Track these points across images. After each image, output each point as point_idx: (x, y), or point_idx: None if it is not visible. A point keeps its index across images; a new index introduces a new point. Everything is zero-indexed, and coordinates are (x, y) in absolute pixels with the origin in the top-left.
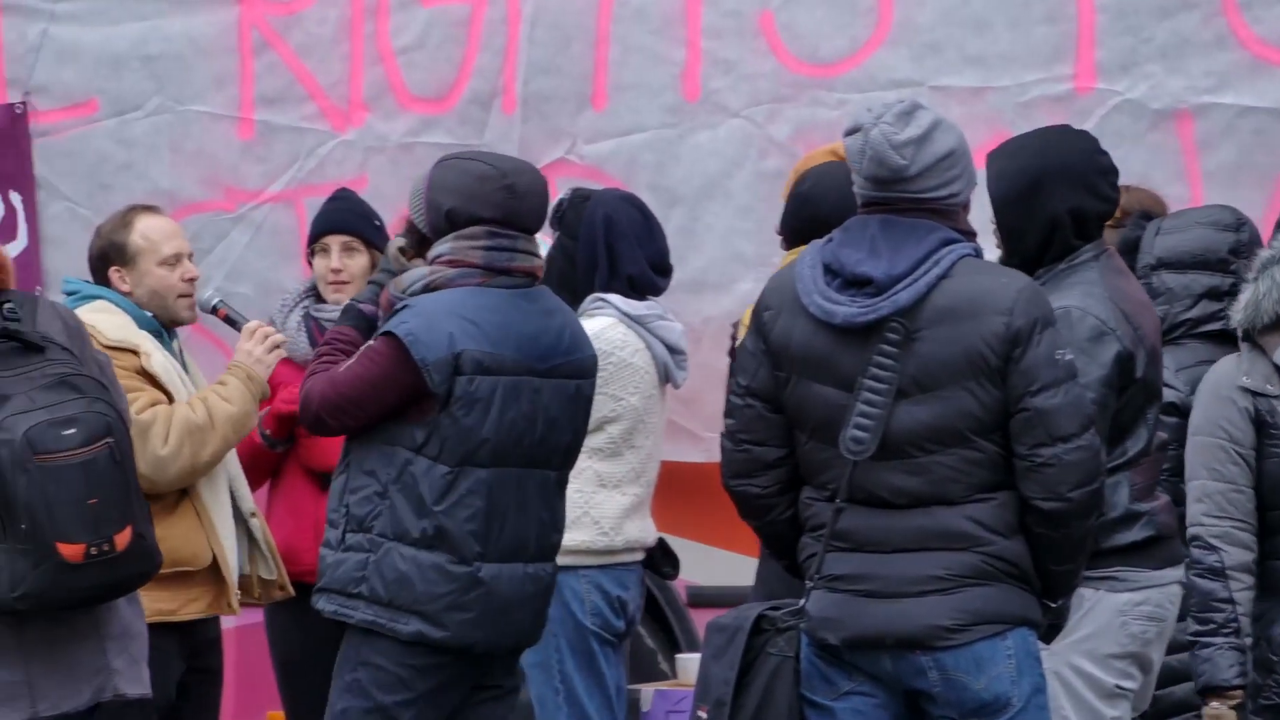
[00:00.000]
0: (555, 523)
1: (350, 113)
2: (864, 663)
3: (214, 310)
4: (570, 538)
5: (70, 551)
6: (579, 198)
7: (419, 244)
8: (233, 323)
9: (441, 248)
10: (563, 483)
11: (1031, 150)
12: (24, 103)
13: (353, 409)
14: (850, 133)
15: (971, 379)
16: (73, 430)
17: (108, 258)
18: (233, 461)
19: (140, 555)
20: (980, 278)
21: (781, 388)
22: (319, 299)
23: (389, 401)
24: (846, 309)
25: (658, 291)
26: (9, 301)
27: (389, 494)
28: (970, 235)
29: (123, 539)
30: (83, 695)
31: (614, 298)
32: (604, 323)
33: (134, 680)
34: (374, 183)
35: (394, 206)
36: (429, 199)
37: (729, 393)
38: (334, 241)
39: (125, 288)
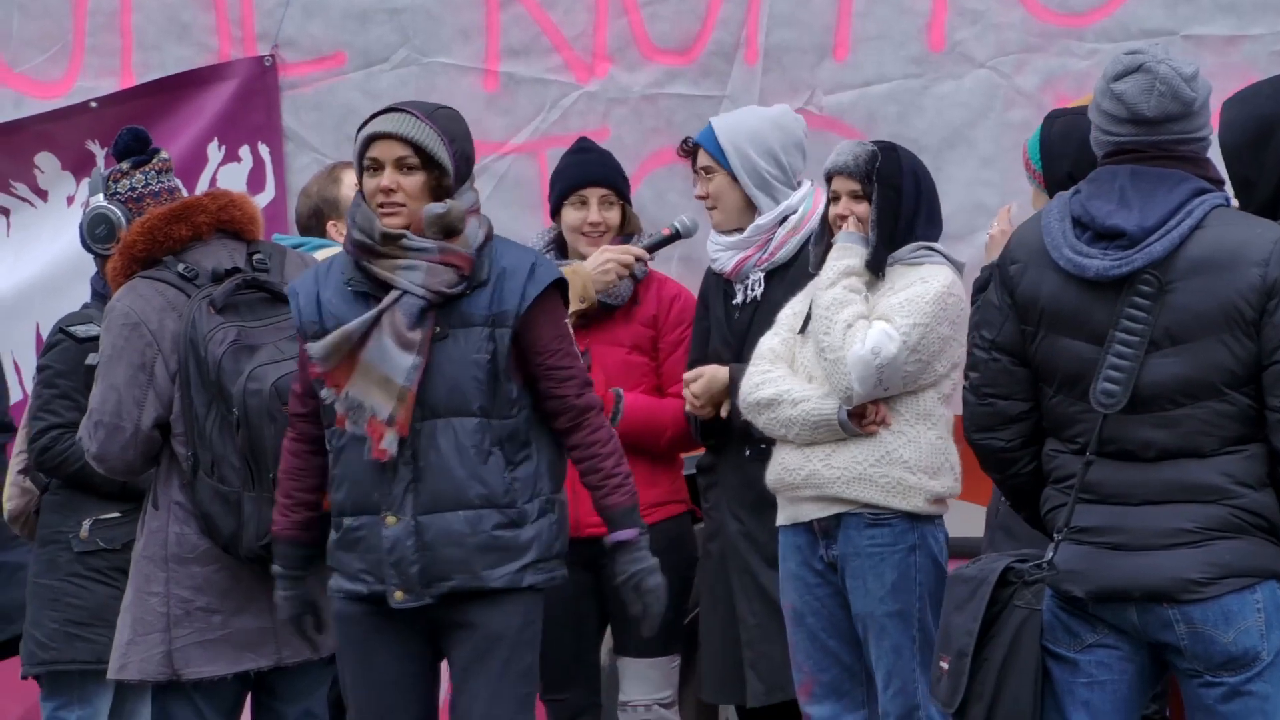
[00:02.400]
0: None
1: (594, 64)
2: (1109, 615)
3: None
4: (934, 485)
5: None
6: (888, 148)
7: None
8: None
9: None
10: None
11: (1263, 97)
12: (272, 56)
13: None
14: (1123, 75)
15: (1225, 331)
16: None
17: (321, 213)
18: None
19: None
20: (1234, 229)
21: (1028, 341)
22: (561, 250)
23: None
24: (1098, 262)
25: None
26: (258, 252)
27: (537, 457)
28: (1219, 184)
29: None
30: (325, 644)
31: (941, 247)
32: (950, 274)
33: None
34: (616, 134)
35: (636, 158)
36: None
37: (972, 346)
38: (593, 194)
39: (341, 239)
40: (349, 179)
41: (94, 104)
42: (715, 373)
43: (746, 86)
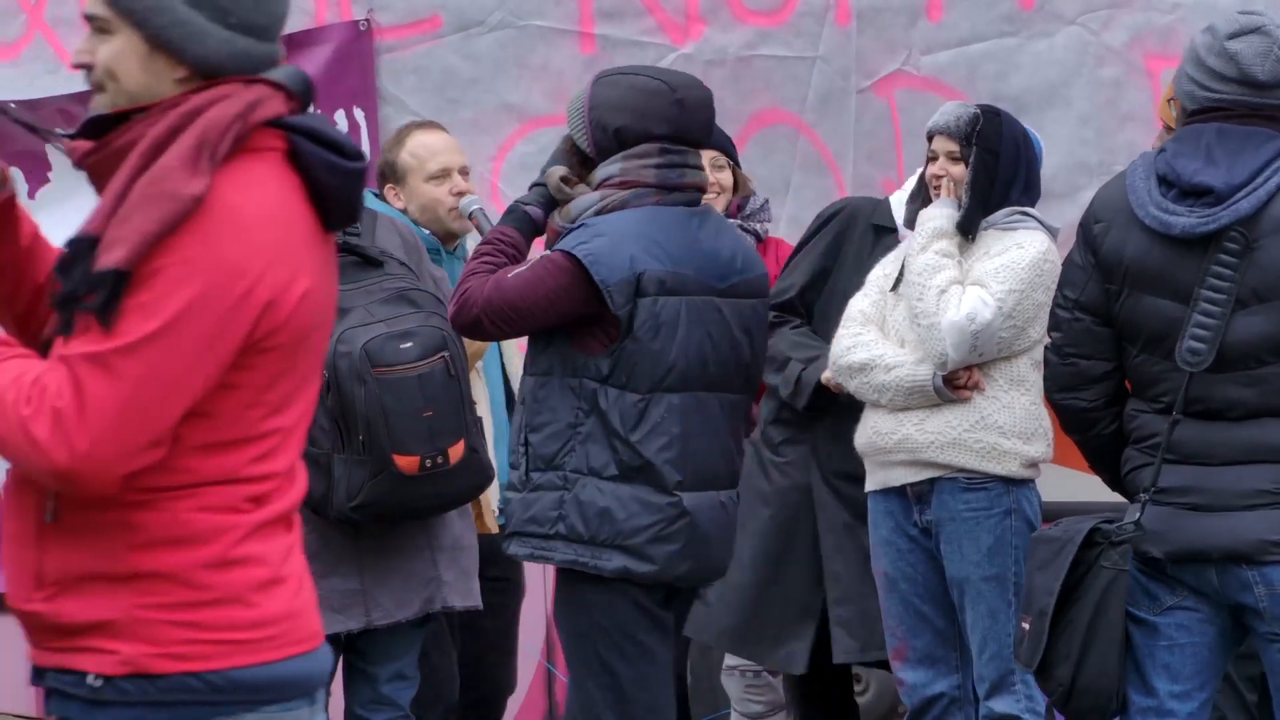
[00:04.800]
0: (739, 449)
1: (688, 26)
2: (1188, 577)
3: (470, 217)
4: (1029, 449)
5: (406, 463)
6: (991, 112)
7: (582, 166)
8: (483, 232)
9: (611, 168)
10: (744, 407)
11: None
12: (368, 20)
13: (517, 318)
14: (1240, 34)
15: None
16: (410, 344)
17: (384, 176)
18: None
19: (473, 469)
20: None
21: (1112, 301)
22: None
23: (555, 318)
24: (1185, 219)
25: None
26: None
27: (580, 427)
28: None
29: (456, 452)
30: (413, 605)
31: (1036, 213)
32: (1045, 240)
33: (464, 593)
34: (717, 96)
35: (733, 120)
36: (592, 118)
37: (1055, 306)
38: (704, 157)
39: (399, 204)
40: (411, 142)
41: None
42: None
43: (840, 48)
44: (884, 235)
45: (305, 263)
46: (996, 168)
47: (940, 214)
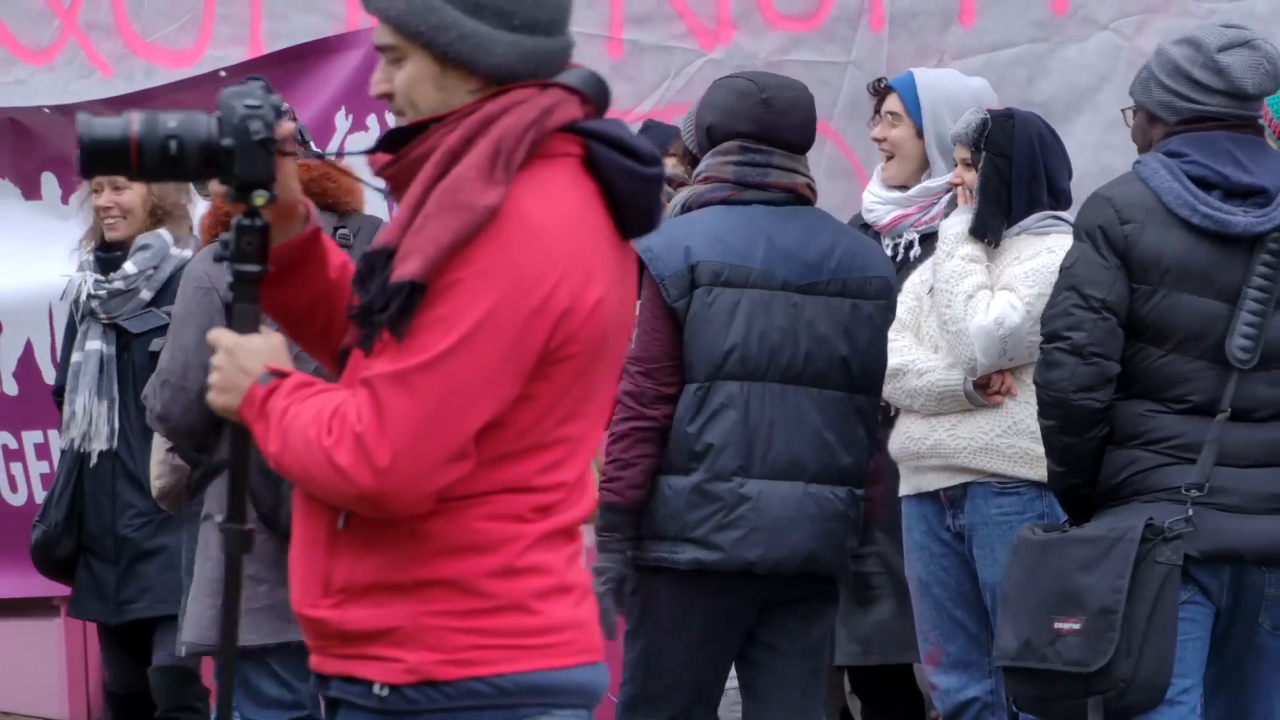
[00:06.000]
0: (848, 445)
1: (718, 31)
2: (1203, 576)
3: None
4: None
5: None
6: (1002, 116)
7: (692, 165)
8: None
9: (700, 165)
10: (861, 405)
11: None
12: None
13: None
14: (1230, 48)
15: None
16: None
17: None
18: None
19: None
20: None
21: (1140, 301)
22: None
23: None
24: (1243, 219)
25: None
26: (344, 227)
27: None
28: None
29: None
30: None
31: (1068, 216)
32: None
33: None
34: None
35: None
36: (697, 119)
37: (1072, 306)
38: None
39: None
40: None
41: (223, 73)
42: None
43: (873, 52)
44: (867, 229)
45: (600, 270)
46: (1009, 170)
47: (959, 221)
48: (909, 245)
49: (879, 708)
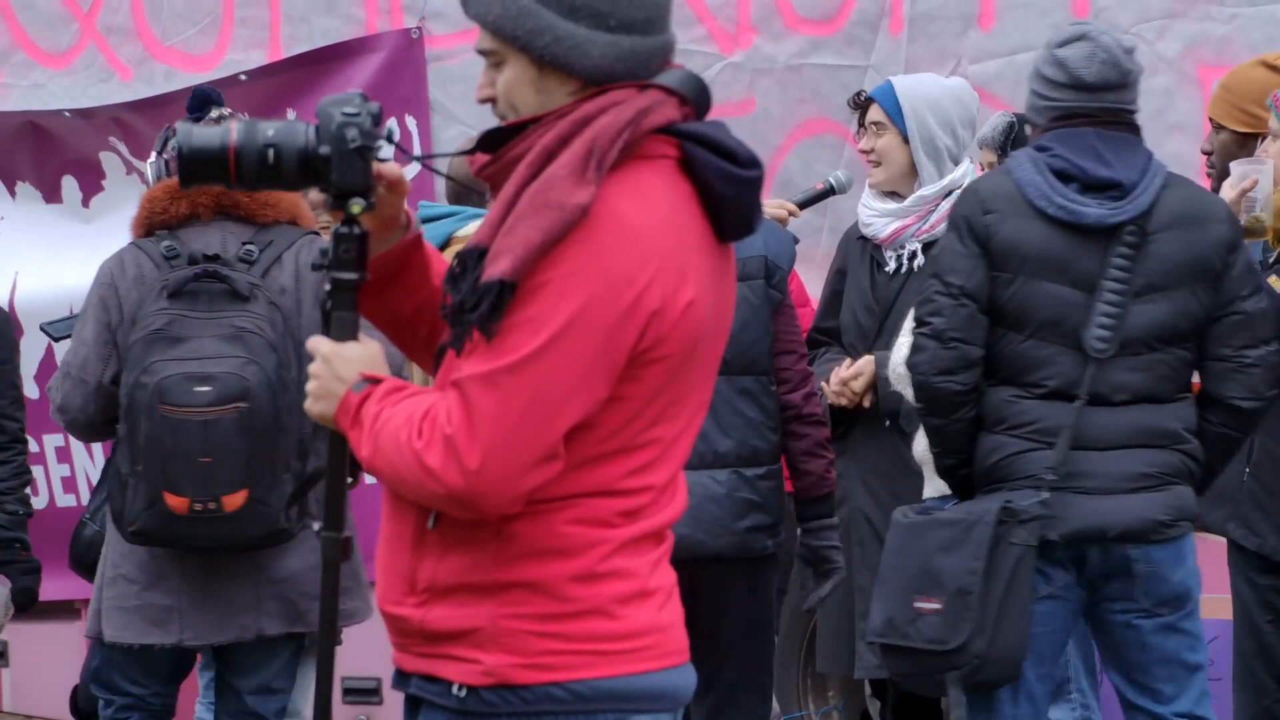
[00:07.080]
0: (724, 428)
1: (738, 35)
2: (1068, 561)
3: None
4: None
5: (175, 503)
6: (1018, 120)
7: None
8: None
9: None
10: (748, 387)
11: None
12: (419, 28)
13: None
14: (1068, 43)
15: (1196, 281)
16: (207, 388)
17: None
18: None
19: (258, 519)
20: (1192, 188)
21: (1000, 288)
22: None
23: None
24: (1095, 210)
25: None
26: (252, 243)
27: None
28: None
29: (233, 501)
30: (228, 631)
31: None
32: None
33: (287, 621)
34: (762, 105)
35: (782, 128)
36: None
37: (935, 293)
38: None
39: None
40: None
41: (243, 77)
42: (868, 367)
43: (892, 56)
44: (867, 242)
45: (693, 273)
46: None
47: None
48: (912, 255)
49: (900, 714)
